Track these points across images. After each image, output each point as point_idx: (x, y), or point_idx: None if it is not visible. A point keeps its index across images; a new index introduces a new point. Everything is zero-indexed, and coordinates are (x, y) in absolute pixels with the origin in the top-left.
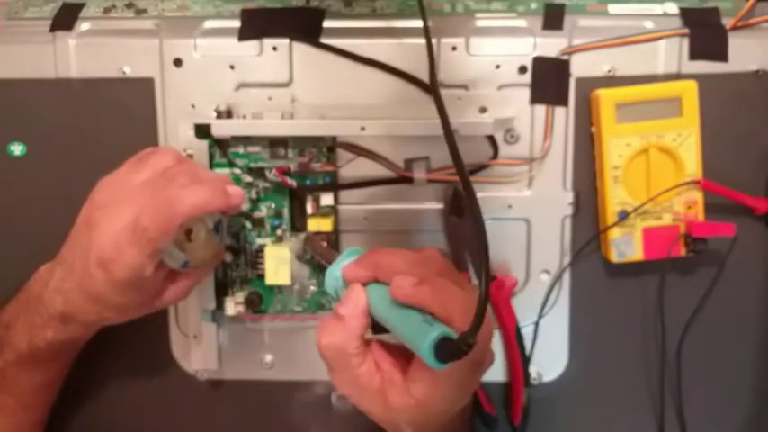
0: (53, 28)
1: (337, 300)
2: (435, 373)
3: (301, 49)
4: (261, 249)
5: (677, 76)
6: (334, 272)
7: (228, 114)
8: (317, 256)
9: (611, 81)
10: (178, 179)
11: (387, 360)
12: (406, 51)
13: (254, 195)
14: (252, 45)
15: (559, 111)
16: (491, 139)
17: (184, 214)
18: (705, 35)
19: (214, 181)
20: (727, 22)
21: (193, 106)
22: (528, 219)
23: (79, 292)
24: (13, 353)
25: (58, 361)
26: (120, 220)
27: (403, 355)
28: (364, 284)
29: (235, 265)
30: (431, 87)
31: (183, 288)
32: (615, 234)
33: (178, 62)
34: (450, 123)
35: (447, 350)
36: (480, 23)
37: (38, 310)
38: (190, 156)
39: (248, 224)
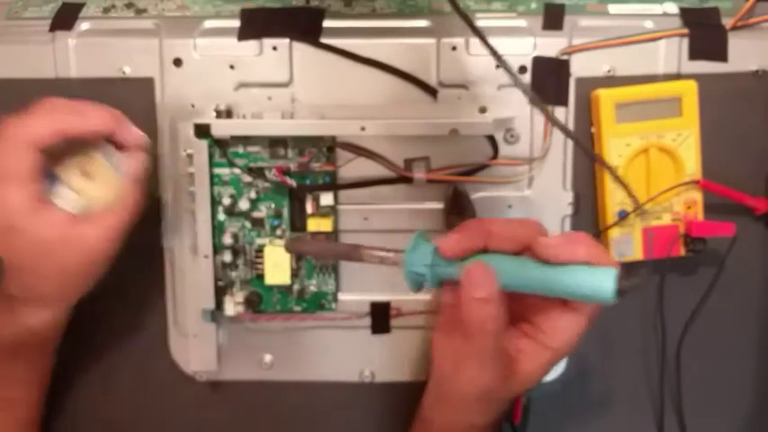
0: (53, 28)
1: (419, 286)
2: (578, 317)
3: (301, 49)
4: (261, 249)
5: (677, 76)
6: (422, 256)
7: (228, 114)
8: (314, 254)
9: (611, 81)
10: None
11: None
12: (405, 51)
13: (253, 195)
14: (252, 45)
15: (559, 111)
16: (491, 138)
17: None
18: (705, 35)
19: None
20: (727, 21)
21: (193, 106)
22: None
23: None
24: None
25: (38, 353)
26: None
27: (513, 327)
28: (462, 258)
29: (235, 265)
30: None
31: (103, 231)
32: (615, 234)
33: (178, 62)
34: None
35: (622, 284)
36: (480, 23)
37: None
38: (189, 156)
39: (248, 224)
